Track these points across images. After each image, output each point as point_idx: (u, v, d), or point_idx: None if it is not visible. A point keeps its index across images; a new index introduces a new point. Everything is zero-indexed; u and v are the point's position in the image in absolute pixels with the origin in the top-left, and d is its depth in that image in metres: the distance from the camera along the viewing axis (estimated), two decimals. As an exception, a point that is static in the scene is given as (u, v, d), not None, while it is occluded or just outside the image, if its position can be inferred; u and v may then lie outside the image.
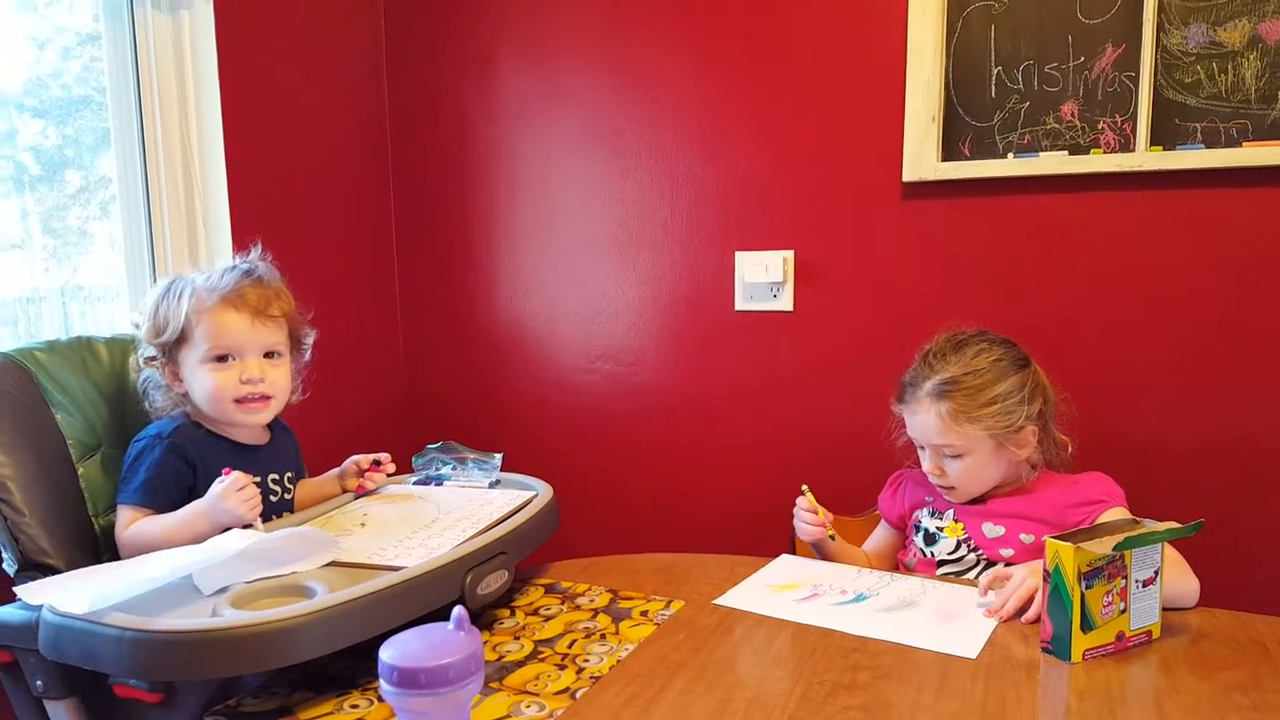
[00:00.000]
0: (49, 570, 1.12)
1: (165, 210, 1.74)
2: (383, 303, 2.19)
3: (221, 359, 1.21)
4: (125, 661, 0.88)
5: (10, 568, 1.15)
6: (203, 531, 1.12)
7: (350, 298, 2.09)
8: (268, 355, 1.25)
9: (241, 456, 1.23)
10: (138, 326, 1.27)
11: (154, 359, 1.24)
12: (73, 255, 1.68)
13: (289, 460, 1.35)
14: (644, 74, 1.92)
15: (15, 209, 1.58)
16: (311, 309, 1.37)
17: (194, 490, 1.18)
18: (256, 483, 1.17)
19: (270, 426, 1.33)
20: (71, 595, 0.91)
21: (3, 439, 1.16)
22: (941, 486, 1.35)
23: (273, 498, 1.29)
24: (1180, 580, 1.13)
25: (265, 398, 1.24)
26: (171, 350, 1.23)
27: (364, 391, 2.13)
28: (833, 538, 1.36)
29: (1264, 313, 1.56)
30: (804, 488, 1.38)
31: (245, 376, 1.22)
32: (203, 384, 1.21)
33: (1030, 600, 1.09)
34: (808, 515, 1.36)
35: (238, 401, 1.22)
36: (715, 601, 1.14)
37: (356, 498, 1.36)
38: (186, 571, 0.99)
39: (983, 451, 1.30)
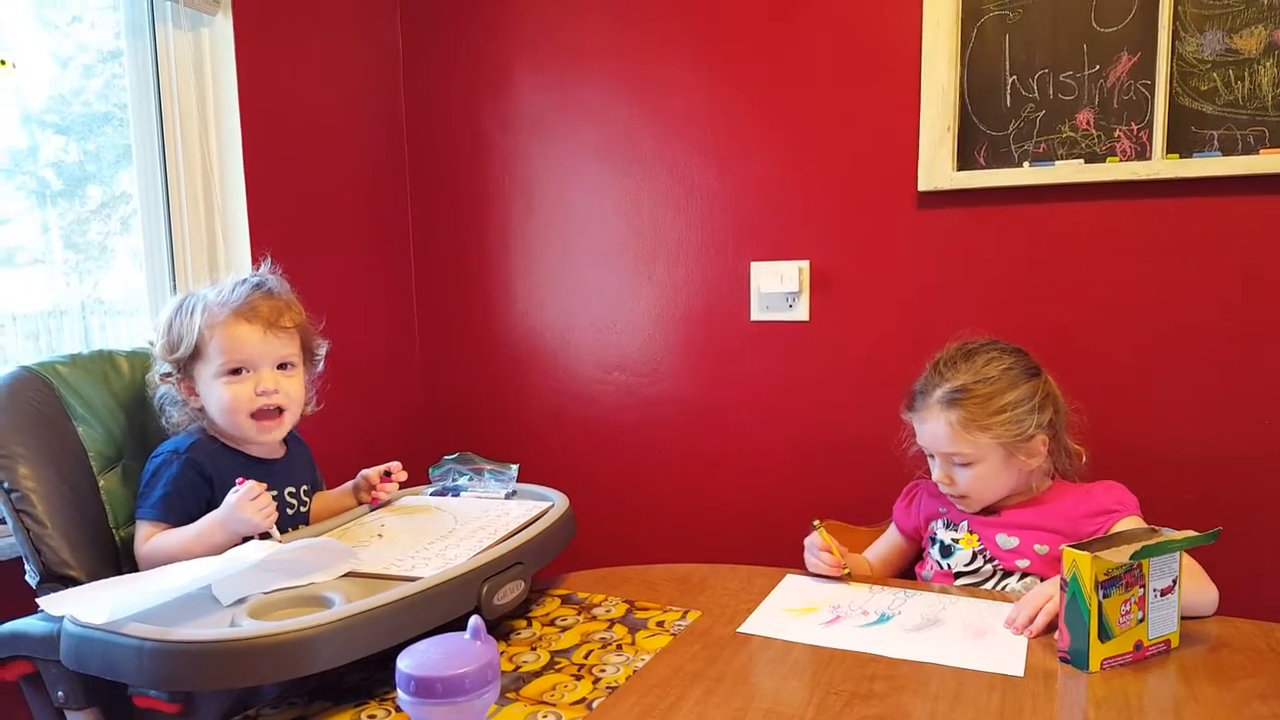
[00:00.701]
0: (71, 582, 1.13)
1: (185, 225, 1.76)
2: (400, 315, 2.21)
3: (236, 372, 1.22)
4: (145, 672, 0.89)
5: (32, 579, 1.16)
6: (220, 542, 1.13)
7: (368, 310, 2.10)
8: (281, 366, 1.26)
9: (258, 470, 1.24)
10: (152, 344, 1.28)
11: (169, 375, 1.25)
12: (94, 270, 1.70)
13: (304, 473, 1.36)
14: (658, 86, 1.93)
15: (37, 224, 1.60)
16: (329, 321, 1.38)
17: (211, 504, 1.19)
18: (273, 496, 1.18)
19: (285, 439, 1.34)
20: (92, 606, 0.92)
21: (25, 452, 1.17)
22: (952, 495, 1.35)
23: (289, 510, 1.29)
24: (1198, 589, 1.13)
25: (280, 411, 1.25)
26: (186, 366, 1.24)
27: (381, 403, 2.14)
28: (848, 575, 1.29)
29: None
30: (816, 524, 1.33)
31: (260, 388, 1.22)
32: (218, 397, 1.22)
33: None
34: (825, 556, 1.29)
35: (253, 417, 1.23)
36: (739, 630, 1.13)
37: (372, 510, 1.37)
38: (205, 582, 1.00)
39: (993, 460, 1.30)
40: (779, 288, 1.85)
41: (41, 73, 1.60)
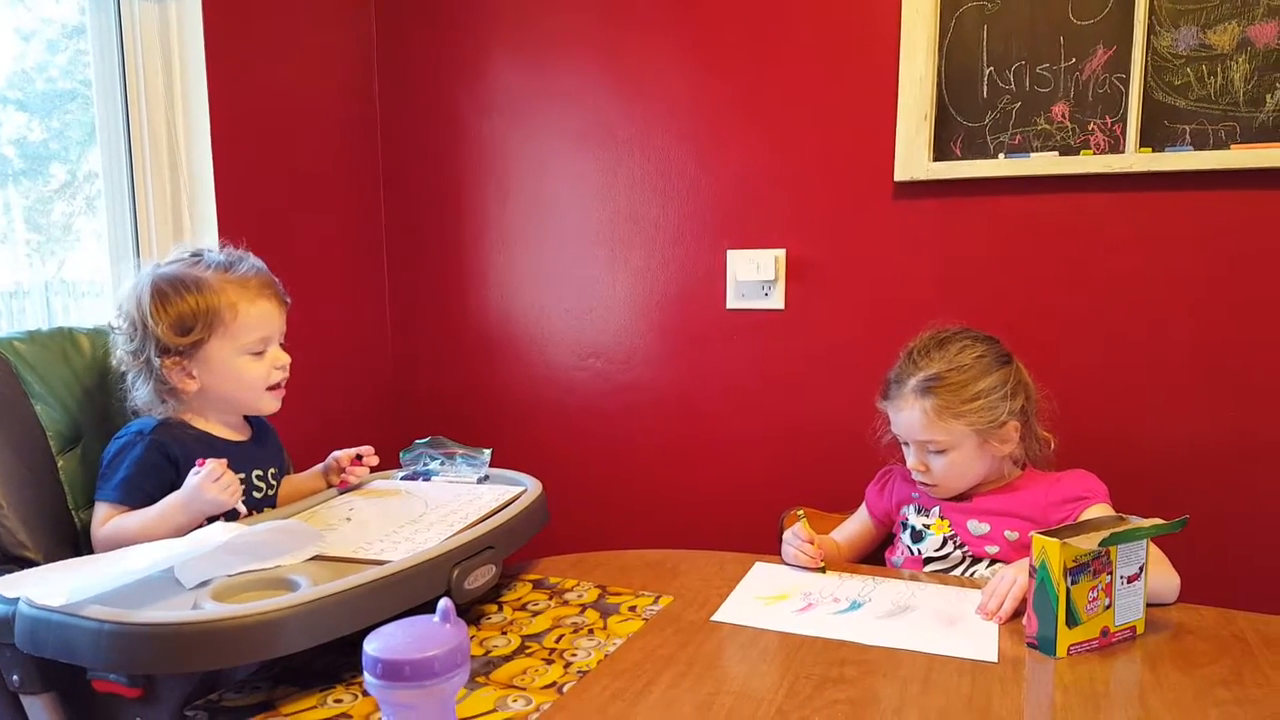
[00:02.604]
0: (27, 564, 1.10)
1: (151, 205, 1.72)
2: (372, 299, 2.18)
3: (260, 349, 1.24)
4: (104, 654, 0.87)
5: (-12, 561, 1.13)
6: (182, 524, 1.11)
7: (339, 294, 2.08)
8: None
9: (224, 453, 1.21)
10: (114, 327, 1.24)
11: (171, 355, 1.19)
12: (57, 251, 1.66)
13: (271, 456, 1.34)
14: (636, 71, 1.92)
15: (-2, 202, 1.57)
16: (300, 305, 1.36)
17: (175, 488, 1.16)
18: (240, 479, 1.17)
19: (250, 422, 1.32)
20: (49, 587, 0.90)
21: (-19, 431, 1.14)
22: (924, 484, 1.35)
23: (256, 494, 1.27)
24: (1163, 576, 1.14)
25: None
26: (195, 346, 1.20)
27: (353, 388, 2.11)
28: (824, 570, 1.28)
29: (1251, 314, 1.57)
30: (799, 513, 1.32)
31: (280, 363, 1.26)
32: (239, 374, 1.22)
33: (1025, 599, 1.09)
34: (807, 547, 1.28)
35: (270, 388, 1.26)
36: (713, 619, 1.12)
37: (341, 493, 1.35)
38: (168, 564, 0.98)
39: (966, 447, 1.30)
40: (755, 276, 1.85)
41: (4, 48, 1.55)
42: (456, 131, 2.09)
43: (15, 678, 1.03)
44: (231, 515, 1.14)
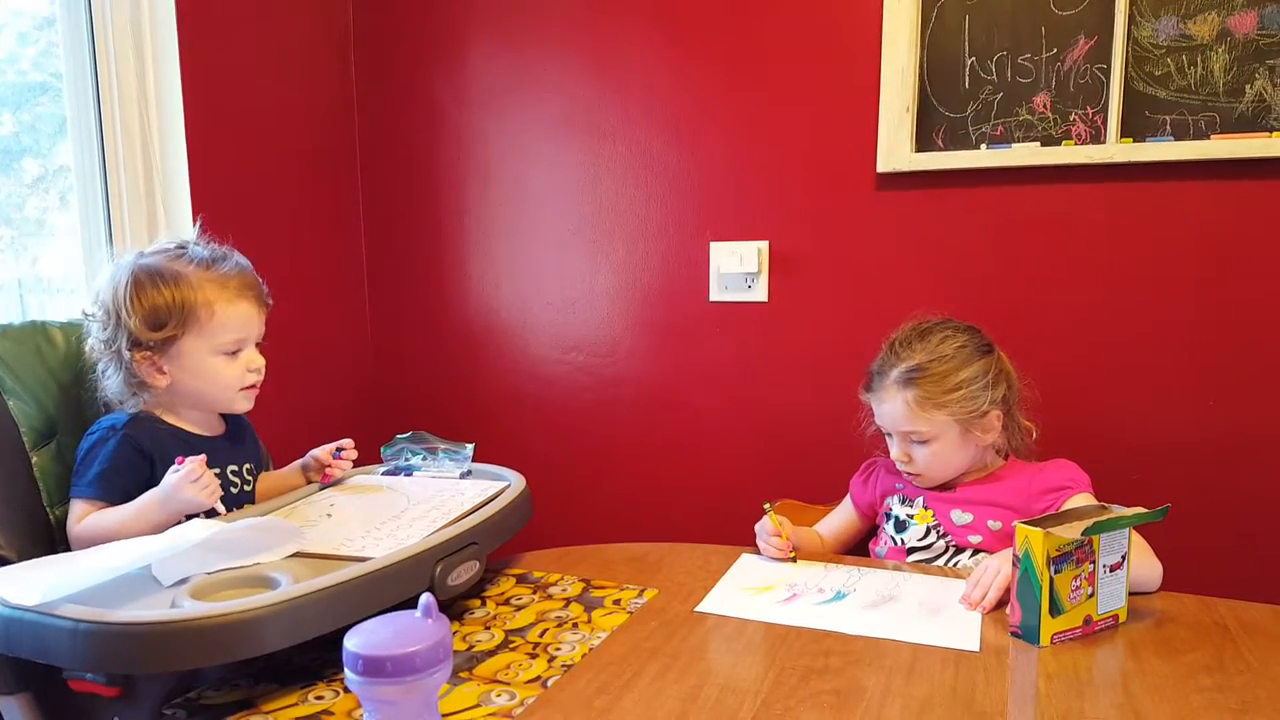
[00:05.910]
0: (1, 562, 1.09)
1: (124, 200, 1.70)
2: (351, 293, 2.16)
3: (234, 349, 1.21)
4: (80, 654, 0.85)
5: (-39, 560, 1.11)
6: (159, 522, 1.09)
7: (317, 288, 2.06)
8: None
9: (198, 449, 1.20)
10: (90, 315, 1.22)
11: (142, 349, 1.17)
12: (31, 246, 1.63)
13: (247, 451, 1.32)
14: (619, 62, 1.91)
15: (-31, 197, 1.54)
16: (278, 299, 1.34)
17: (150, 482, 1.15)
18: (215, 474, 1.15)
19: (224, 417, 1.30)
20: (23, 586, 0.89)
21: (-48, 428, 1.12)
22: (909, 474, 1.35)
23: (233, 489, 1.26)
24: (1145, 565, 1.15)
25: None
26: (168, 342, 1.18)
27: (332, 383, 2.10)
28: (794, 559, 1.29)
29: (1230, 303, 1.58)
30: (766, 507, 1.32)
31: (254, 366, 1.24)
32: (211, 374, 1.20)
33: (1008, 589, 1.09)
34: (775, 540, 1.29)
35: (242, 389, 1.24)
36: (696, 609, 1.12)
37: (321, 489, 1.34)
38: (145, 562, 0.97)
39: (949, 437, 1.31)
40: (738, 268, 1.85)
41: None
42: (435, 121, 2.07)
43: (-11, 679, 1.01)
44: (210, 513, 1.13)
